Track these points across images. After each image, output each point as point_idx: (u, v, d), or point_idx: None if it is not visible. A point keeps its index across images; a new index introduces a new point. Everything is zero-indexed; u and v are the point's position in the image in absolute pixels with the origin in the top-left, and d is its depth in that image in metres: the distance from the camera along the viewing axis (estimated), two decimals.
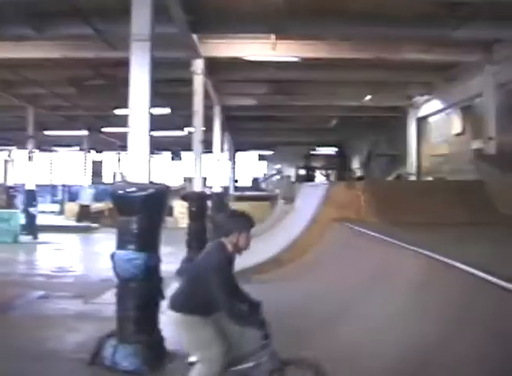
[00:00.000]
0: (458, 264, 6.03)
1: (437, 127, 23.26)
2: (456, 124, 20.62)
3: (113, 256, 6.29)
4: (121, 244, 6.28)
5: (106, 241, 13.46)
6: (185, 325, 4.88)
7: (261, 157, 45.86)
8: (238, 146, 40.26)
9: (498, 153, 16.40)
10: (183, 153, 39.56)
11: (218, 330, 4.87)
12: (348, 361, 5.87)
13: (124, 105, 6.96)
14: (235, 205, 25.98)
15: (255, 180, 43.01)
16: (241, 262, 13.64)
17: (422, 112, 24.25)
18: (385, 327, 6.30)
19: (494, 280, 5.23)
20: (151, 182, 6.67)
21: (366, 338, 6.31)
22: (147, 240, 6.28)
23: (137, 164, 6.70)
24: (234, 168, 41.49)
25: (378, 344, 6.06)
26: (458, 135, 20.58)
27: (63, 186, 40.31)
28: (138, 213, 6.16)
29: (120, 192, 6.32)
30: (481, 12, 12.44)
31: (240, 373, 4.87)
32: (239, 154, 43.26)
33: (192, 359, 4.99)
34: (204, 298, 4.74)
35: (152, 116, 6.90)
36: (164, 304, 6.46)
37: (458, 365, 4.87)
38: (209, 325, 4.85)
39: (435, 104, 22.49)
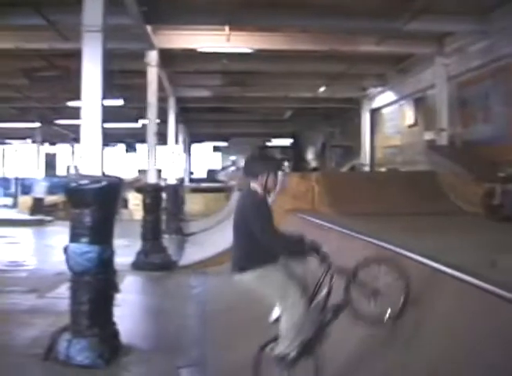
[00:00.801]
0: (406, 252, 6.13)
1: (390, 118, 23.53)
2: (409, 116, 20.89)
3: (66, 249, 6.22)
4: (74, 237, 6.21)
5: (60, 234, 13.29)
6: (256, 280, 4.97)
7: (216, 149, 45.77)
8: (193, 138, 40.15)
9: (449, 144, 16.68)
10: (138, 146, 39.25)
11: (288, 274, 4.99)
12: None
13: (78, 97, 6.88)
14: (190, 197, 25.96)
15: (211, 172, 42.89)
16: (197, 254, 13.64)
17: (376, 103, 24.50)
18: None
19: (443, 268, 5.33)
20: (104, 175, 6.61)
21: None
22: (101, 233, 6.23)
23: (90, 157, 6.63)
24: (189, 159, 41.37)
25: None
26: (411, 126, 20.86)
27: (16, 179, 39.61)
28: (92, 205, 6.10)
29: (73, 184, 6.26)
30: (433, 6, 12.62)
31: (319, 307, 5.02)
32: (194, 146, 43.12)
33: (275, 315, 5.13)
34: (260, 246, 4.85)
35: (105, 108, 6.83)
36: (118, 297, 6.48)
37: None
38: (278, 271, 4.97)
39: (389, 96, 22.74)
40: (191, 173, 41.55)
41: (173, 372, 5.80)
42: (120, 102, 21.03)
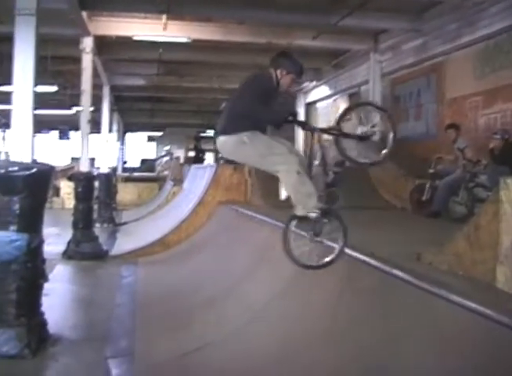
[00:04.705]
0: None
1: (324, 113, 23.82)
2: None
3: None
4: (2, 225, 6.08)
5: None
6: (239, 142, 5.20)
7: (151, 139, 45.44)
8: (127, 127, 39.83)
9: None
10: (71, 133, 38.59)
11: (273, 137, 5.31)
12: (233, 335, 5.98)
13: (9, 81, 6.74)
14: (123, 186, 25.71)
15: (144, 161, 42.57)
16: (129, 244, 13.56)
17: (310, 97, 24.77)
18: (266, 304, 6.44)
19: (372, 262, 5.46)
20: (35, 162, 6.50)
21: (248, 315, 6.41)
22: (30, 221, 6.12)
23: (20, 143, 6.51)
24: (123, 148, 40.96)
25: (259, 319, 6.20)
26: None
27: None
28: (21, 193, 5.98)
29: (2, 171, 6.13)
30: (369, 3, 12.83)
31: (320, 171, 5.35)
32: (128, 135, 42.73)
33: (283, 195, 5.47)
34: (250, 115, 5.18)
35: (37, 93, 6.71)
36: (47, 286, 6.39)
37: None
38: (262, 136, 5.24)
39: (323, 90, 23.01)
40: (124, 162, 41.14)
41: (101, 362, 5.76)
42: (53, 88, 20.64)
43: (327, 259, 5.30)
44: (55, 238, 12.23)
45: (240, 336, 5.88)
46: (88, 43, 14.30)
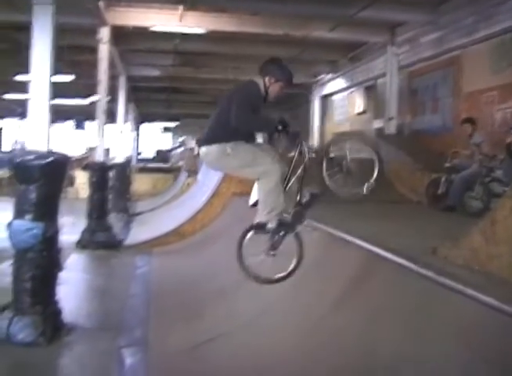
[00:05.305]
0: (352, 238, 6.24)
1: (340, 105, 23.73)
2: (359, 103, 21.10)
3: (9, 226, 6.14)
4: (19, 214, 6.13)
5: (3, 210, 13.05)
6: (222, 152, 5.18)
7: (167, 129, 45.47)
8: (143, 118, 39.79)
9: (397, 133, 16.92)
10: (87, 123, 38.69)
11: (257, 146, 5.29)
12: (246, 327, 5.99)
13: (27, 71, 6.77)
14: (138, 177, 25.76)
15: (159, 152, 42.62)
16: (143, 234, 13.59)
17: (326, 90, 24.66)
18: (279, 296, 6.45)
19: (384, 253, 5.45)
20: (50, 151, 6.53)
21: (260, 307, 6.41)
22: (46, 210, 6.15)
23: (37, 132, 6.54)
24: (138, 139, 40.99)
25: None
26: (360, 114, 21.07)
27: None
28: (37, 182, 6.01)
29: (20, 159, 6.16)
30: None
31: (295, 187, 5.28)
32: (143, 126, 42.77)
33: (253, 199, 5.50)
34: (236, 129, 5.10)
35: (54, 83, 6.73)
36: (62, 275, 6.42)
37: None
38: (245, 145, 5.21)
39: (339, 83, 22.90)
40: (139, 153, 41.19)
41: (115, 351, 5.79)
42: (70, 77, 20.69)
43: (279, 275, 5.34)
44: (69, 227, 12.29)
45: (252, 328, 5.88)
46: (104, 33, 14.32)
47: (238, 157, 5.19)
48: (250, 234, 5.34)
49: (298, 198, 5.27)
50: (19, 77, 20.97)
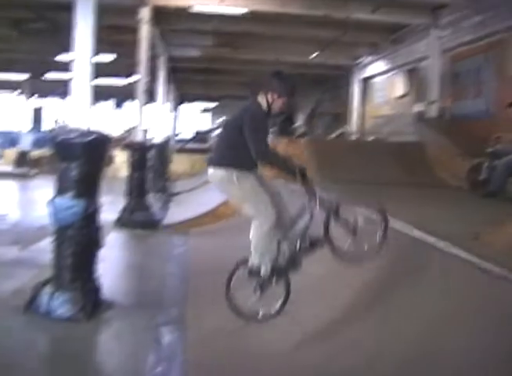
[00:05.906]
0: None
1: (380, 88, 23.51)
2: (400, 87, 20.86)
3: (50, 203, 6.21)
4: (60, 191, 6.19)
5: (43, 188, 13.24)
6: (230, 178, 5.23)
7: (205, 110, 45.55)
8: (182, 98, 39.89)
9: (439, 117, 16.71)
10: (127, 103, 38.92)
11: (261, 183, 5.32)
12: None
13: (66, 50, 6.82)
14: (176, 157, 25.86)
15: (198, 133, 42.71)
16: (181, 214, 13.65)
17: (367, 72, 24.45)
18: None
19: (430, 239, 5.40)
20: (91, 131, 6.58)
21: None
22: (86, 187, 6.21)
23: (78, 111, 6.61)
24: (177, 119, 41.13)
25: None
26: (401, 97, 20.84)
27: (2, 132, 39.12)
28: (79, 159, 6.06)
29: (62, 137, 6.22)
30: None
31: (297, 235, 5.29)
32: (182, 106, 42.88)
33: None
34: (242, 151, 5.11)
35: (96, 63, 6.79)
36: (101, 253, 6.49)
37: None
38: (253, 178, 5.26)
39: (380, 65, 22.68)
40: (178, 133, 41.35)
41: (153, 329, 5.85)
42: (111, 57, 20.83)
43: (260, 316, 5.44)
44: (108, 206, 12.38)
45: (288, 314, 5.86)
46: (145, 13, 14.38)
47: (242, 188, 5.26)
48: (243, 267, 5.50)
49: (298, 244, 5.27)
50: (59, 57, 21.16)
